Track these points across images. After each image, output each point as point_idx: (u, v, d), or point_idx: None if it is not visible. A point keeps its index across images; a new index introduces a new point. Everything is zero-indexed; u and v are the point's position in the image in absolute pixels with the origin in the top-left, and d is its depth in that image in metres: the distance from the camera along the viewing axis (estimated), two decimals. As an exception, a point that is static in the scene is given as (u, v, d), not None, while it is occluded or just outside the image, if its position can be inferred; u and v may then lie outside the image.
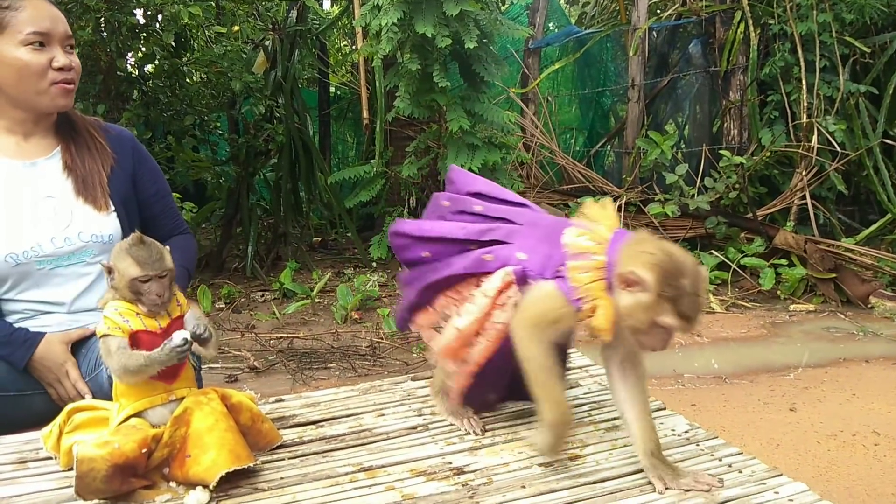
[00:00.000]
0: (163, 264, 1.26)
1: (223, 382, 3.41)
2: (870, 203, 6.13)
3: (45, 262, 1.71)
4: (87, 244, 1.75)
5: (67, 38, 1.73)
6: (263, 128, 5.62)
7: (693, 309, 1.14)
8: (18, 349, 1.67)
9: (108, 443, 1.20)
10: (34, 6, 1.68)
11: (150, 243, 1.28)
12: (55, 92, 1.70)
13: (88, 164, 1.78)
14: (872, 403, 3.02)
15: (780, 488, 1.22)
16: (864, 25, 5.73)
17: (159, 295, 1.25)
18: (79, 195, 1.76)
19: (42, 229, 1.71)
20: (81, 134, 1.82)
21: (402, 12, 4.61)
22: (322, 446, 1.42)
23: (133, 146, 1.90)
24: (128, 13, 4.46)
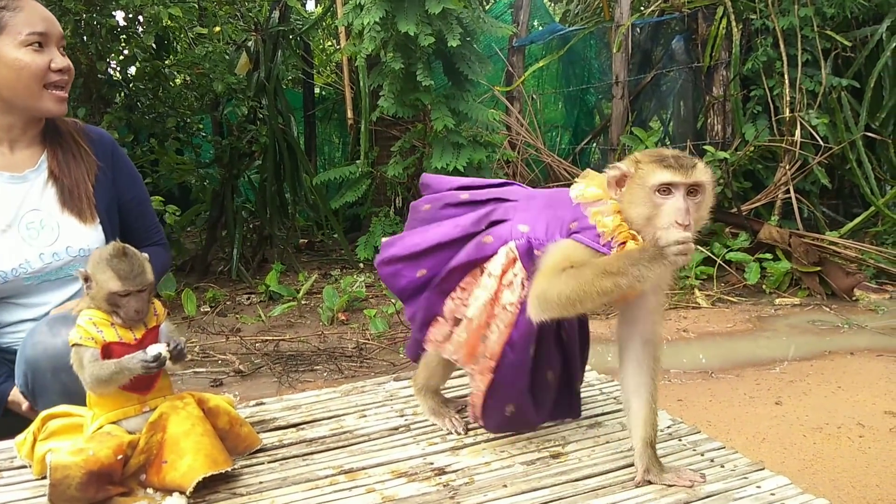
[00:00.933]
0: (144, 279, 1.24)
1: (208, 387, 3.39)
2: (853, 196, 6.18)
3: (33, 278, 1.68)
4: (74, 258, 1.71)
5: (62, 39, 1.70)
6: (247, 129, 5.58)
7: (678, 158, 1.16)
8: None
9: (83, 450, 1.18)
10: (31, 7, 1.64)
11: (132, 255, 1.25)
12: (51, 97, 1.66)
13: (74, 174, 1.73)
14: (857, 395, 3.03)
15: (763, 482, 1.22)
16: (845, 20, 5.76)
17: (138, 311, 1.23)
18: (65, 207, 1.71)
19: (29, 245, 1.67)
20: (67, 140, 1.77)
21: (384, 11, 4.59)
22: (302, 449, 1.40)
23: (112, 150, 1.86)
24: (107, 15, 4.41)
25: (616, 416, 1.50)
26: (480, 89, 5.94)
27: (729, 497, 1.18)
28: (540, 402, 1.37)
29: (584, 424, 1.48)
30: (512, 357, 1.30)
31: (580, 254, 1.21)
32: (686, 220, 1.14)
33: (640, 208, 1.17)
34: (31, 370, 1.47)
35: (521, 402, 1.35)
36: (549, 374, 1.36)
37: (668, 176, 1.14)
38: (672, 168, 1.15)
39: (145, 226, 1.92)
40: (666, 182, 1.14)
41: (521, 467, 1.31)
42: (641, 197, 1.17)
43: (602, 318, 4.28)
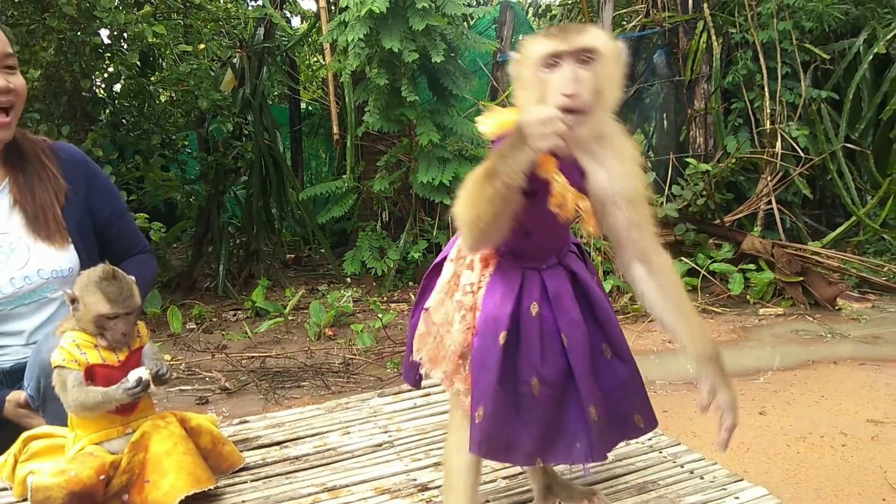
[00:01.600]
0: (132, 302, 1.24)
1: (193, 404, 3.37)
2: (835, 206, 6.25)
3: (6, 303, 1.64)
4: (47, 281, 1.67)
5: (4, 58, 1.61)
6: (233, 145, 5.59)
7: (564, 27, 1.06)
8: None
9: (65, 471, 1.18)
10: None
11: (121, 278, 1.25)
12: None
13: (39, 198, 1.69)
14: (840, 404, 3.06)
15: (741, 493, 1.24)
16: (823, 33, 5.86)
17: (125, 333, 1.24)
18: (31, 231, 1.67)
19: (0, 271, 1.64)
20: (31, 163, 1.72)
21: (368, 28, 4.62)
22: (286, 467, 1.41)
23: (85, 168, 1.81)
24: (91, 33, 4.42)
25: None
26: (465, 104, 5.98)
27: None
28: (525, 418, 1.12)
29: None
30: (477, 344, 1.12)
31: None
32: (573, 89, 0.99)
33: (532, 92, 1.04)
34: (45, 375, 1.45)
35: (493, 407, 1.10)
36: (535, 382, 1.12)
37: (550, 45, 1.01)
38: (554, 36, 1.02)
39: (127, 237, 1.88)
40: (549, 52, 1.01)
41: (504, 482, 1.32)
42: (530, 79, 1.04)
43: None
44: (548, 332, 1.13)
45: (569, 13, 8.49)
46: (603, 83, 1.02)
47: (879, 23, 5.82)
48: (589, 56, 1.01)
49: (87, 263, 1.72)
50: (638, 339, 4.19)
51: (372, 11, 4.46)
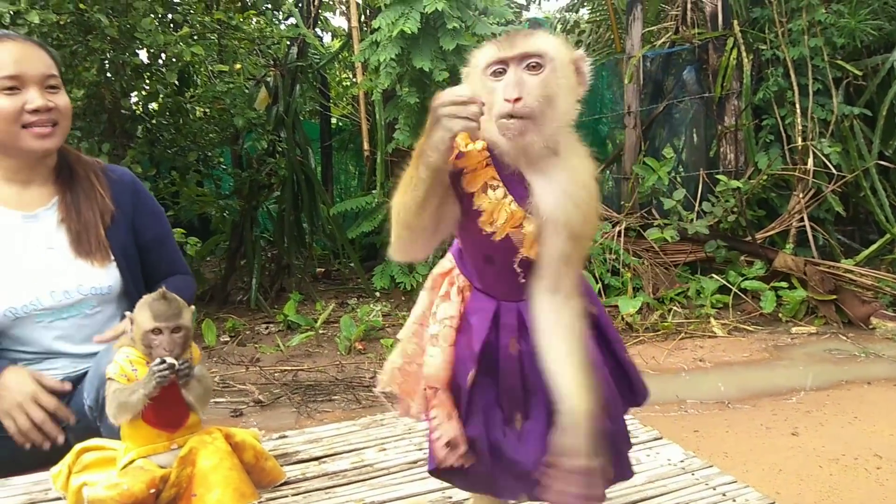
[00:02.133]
0: (177, 319, 1.30)
1: (228, 417, 3.44)
2: (869, 223, 6.16)
3: (45, 315, 1.72)
4: (85, 297, 1.75)
5: (46, 78, 1.70)
6: (266, 162, 5.70)
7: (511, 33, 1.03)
8: None
9: (118, 484, 1.24)
10: (6, 49, 1.66)
11: (171, 299, 1.32)
12: (28, 135, 1.67)
13: (85, 218, 1.76)
14: (874, 426, 3.03)
15: (773, 517, 1.25)
16: (856, 49, 5.81)
17: (168, 350, 1.28)
18: (74, 249, 1.74)
19: (41, 283, 1.71)
20: (80, 183, 1.80)
21: (399, 48, 4.70)
22: (324, 482, 1.45)
23: (133, 189, 1.89)
24: (132, 53, 4.55)
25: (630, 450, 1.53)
26: (494, 120, 6.03)
27: (740, 531, 1.21)
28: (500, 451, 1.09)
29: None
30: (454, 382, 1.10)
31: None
32: (514, 94, 0.96)
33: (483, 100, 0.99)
34: (104, 387, 1.52)
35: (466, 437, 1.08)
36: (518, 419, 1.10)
37: (494, 52, 0.99)
38: (499, 43, 1.00)
39: (168, 260, 1.96)
40: (493, 59, 0.99)
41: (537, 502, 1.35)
42: (478, 89, 1.01)
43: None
44: (527, 367, 1.08)
45: (597, 29, 8.52)
46: (553, 90, 0.98)
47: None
48: (536, 62, 0.98)
49: (130, 282, 1.80)
50: (668, 357, 4.17)
51: (404, 32, 4.54)
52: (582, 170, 1.03)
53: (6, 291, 1.69)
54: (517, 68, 0.98)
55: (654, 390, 3.66)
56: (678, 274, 5.30)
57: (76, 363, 1.78)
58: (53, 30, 4.13)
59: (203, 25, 4.90)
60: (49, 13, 3.87)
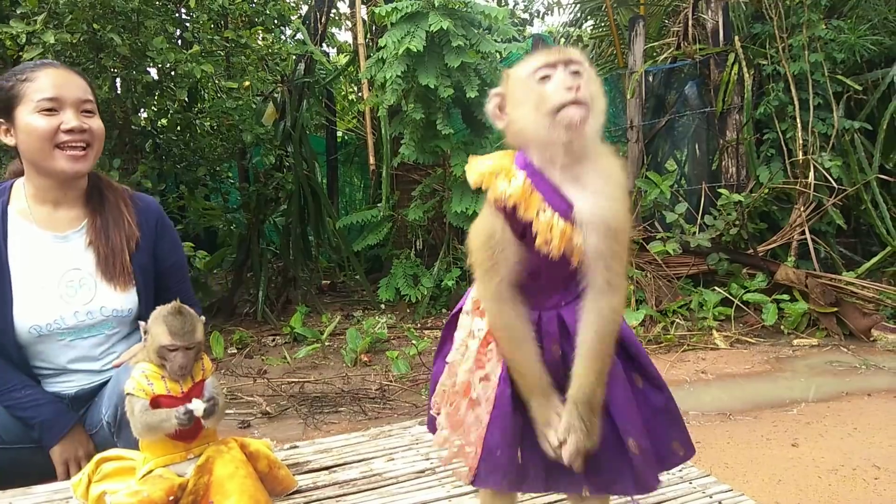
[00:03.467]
0: (193, 337, 1.36)
1: (236, 428, 3.49)
2: (871, 236, 6.20)
3: (67, 334, 1.80)
4: (107, 318, 1.83)
5: (83, 102, 1.79)
6: (273, 176, 5.79)
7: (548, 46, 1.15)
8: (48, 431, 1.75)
9: (138, 491, 1.30)
10: (48, 74, 1.76)
11: (186, 314, 1.38)
12: (62, 155, 1.75)
13: (113, 242, 1.84)
14: (874, 437, 3.07)
15: (766, 524, 1.30)
16: (856, 63, 5.88)
17: (182, 367, 1.35)
18: (100, 272, 1.82)
19: (66, 303, 1.79)
20: (110, 209, 1.88)
21: (405, 65, 4.79)
22: (335, 491, 1.51)
23: (158, 218, 1.97)
24: (142, 71, 4.65)
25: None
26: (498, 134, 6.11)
27: (734, 537, 1.27)
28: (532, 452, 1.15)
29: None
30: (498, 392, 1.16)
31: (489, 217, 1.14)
32: (574, 83, 1.06)
33: (528, 105, 1.09)
34: (122, 404, 1.59)
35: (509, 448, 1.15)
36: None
37: (543, 58, 1.09)
38: (545, 52, 1.10)
39: (180, 289, 2.00)
40: (543, 64, 1.09)
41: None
42: (525, 93, 1.10)
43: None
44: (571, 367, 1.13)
45: (600, 44, 8.62)
46: (594, 91, 1.09)
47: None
48: (578, 69, 1.08)
49: (145, 306, 1.88)
50: (671, 370, 4.22)
51: (409, 50, 4.63)
52: (612, 168, 1.12)
53: (33, 309, 1.76)
54: (564, 71, 1.08)
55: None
56: (681, 286, 5.35)
57: (91, 378, 1.85)
58: (67, 49, 4.23)
59: (212, 43, 5.00)
60: (63, 33, 3.96)
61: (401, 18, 4.88)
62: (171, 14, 5.02)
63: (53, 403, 1.77)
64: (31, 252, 1.80)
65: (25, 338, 1.77)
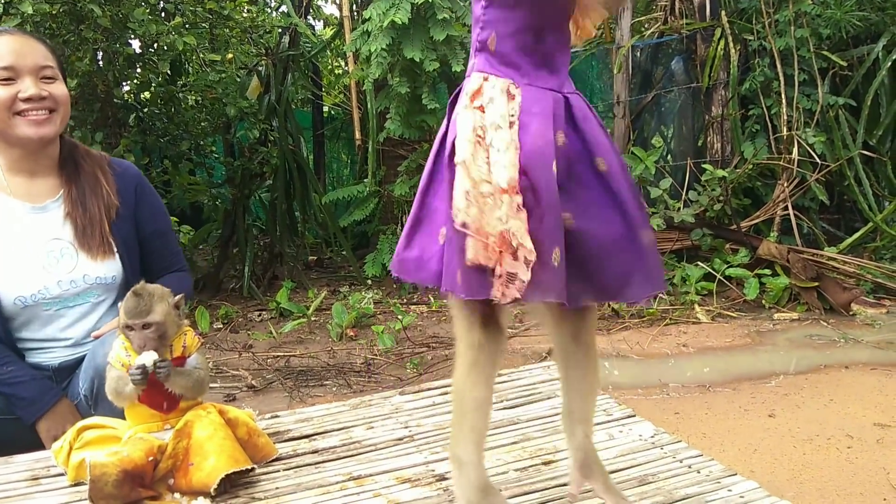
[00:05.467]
0: (145, 317, 1.38)
1: (222, 401, 3.51)
2: (854, 212, 6.26)
3: (52, 303, 1.80)
4: (91, 286, 1.83)
5: (41, 69, 1.76)
6: (258, 151, 5.75)
7: None
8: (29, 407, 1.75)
9: (118, 451, 1.32)
10: (2, 42, 1.73)
11: (142, 295, 1.39)
12: (23, 122, 1.74)
13: (90, 211, 1.83)
14: (848, 408, 3.13)
15: (734, 486, 1.34)
16: (841, 39, 5.88)
17: (139, 346, 1.38)
18: (80, 242, 1.82)
19: (49, 272, 1.79)
20: (86, 178, 1.87)
21: (390, 38, 4.76)
22: (315, 458, 1.53)
23: (137, 183, 1.96)
24: (124, 43, 4.59)
25: (604, 427, 1.62)
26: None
27: (702, 499, 1.30)
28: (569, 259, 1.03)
29: (574, 435, 1.60)
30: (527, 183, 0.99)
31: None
32: None
33: None
34: (98, 378, 1.60)
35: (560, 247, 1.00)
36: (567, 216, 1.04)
37: None
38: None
39: (167, 254, 2.03)
40: None
41: (515, 473, 1.43)
42: None
43: (603, 333, 4.40)
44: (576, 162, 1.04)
45: (588, 19, 8.55)
46: None
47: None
48: None
49: (130, 273, 1.88)
50: (653, 343, 4.27)
51: (394, 22, 4.60)
52: None
53: (16, 280, 1.77)
54: None
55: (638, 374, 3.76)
56: (665, 261, 5.39)
57: (75, 349, 1.86)
58: (46, 20, 4.17)
59: (195, 15, 4.94)
60: (42, 3, 3.90)
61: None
62: (153, -15, 4.94)
63: (35, 381, 1.77)
64: (10, 224, 1.80)
65: (11, 310, 1.77)
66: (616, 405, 1.73)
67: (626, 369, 3.83)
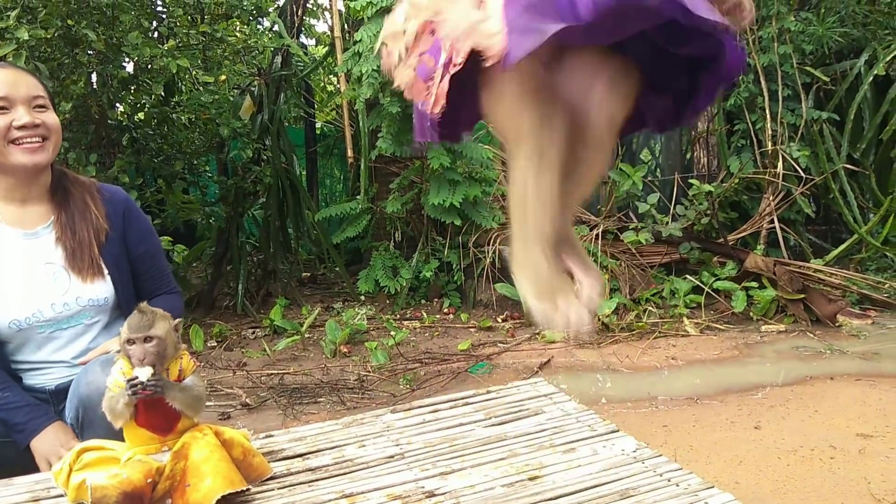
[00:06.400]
0: (147, 330, 1.42)
1: (216, 419, 3.55)
2: (840, 224, 6.37)
3: (46, 326, 1.85)
4: (83, 308, 1.88)
5: (34, 98, 1.82)
6: (251, 169, 5.81)
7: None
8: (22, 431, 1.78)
9: (118, 474, 1.36)
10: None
11: (145, 312, 1.44)
12: (17, 150, 1.79)
13: (80, 236, 1.89)
14: (833, 419, 3.19)
15: (710, 499, 1.39)
16: (824, 55, 6.01)
17: (140, 358, 1.41)
18: (70, 266, 1.88)
19: (42, 296, 1.84)
20: (76, 203, 1.92)
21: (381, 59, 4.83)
22: (308, 476, 1.58)
23: (125, 207, 2.02)
24: (118, 66, 4.65)
25: (588, 442, 1.68)
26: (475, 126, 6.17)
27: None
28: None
29: (559, 450, 1.65)
30: None
31: None
32: None
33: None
34: (83, 406, 1.65)
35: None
36: None
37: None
38: None
39: (157, 277, 2.08)
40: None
41: (502, 489, 1.48)
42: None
43: (593, 347, 4.46)
44: None
45: (576, 35, 8.68)
46: None
47: (881, 44, 5.97)
48: None
49: (122, 295, 1.94)
50: (643, 356, 4.33)
51: (384, 43, 4.67)
52: None
53: (10, 305, 1.81)
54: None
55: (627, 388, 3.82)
56: (653, 275, 5.46)
57: (71, 371, 1.90)
58: (40, 43, 4.23)
59: (188, 37, 5.01)
60: (37, 29, 3.96)
61: (376, 13, 4.92)
62: (147, 8, 5.01)
63: (28, 406, 1.80)
64: (4, 250, 1.85)
65: (6, 333, 1.82)
66: (600, 421, 1.79)
67: (615, 382, 3.88)
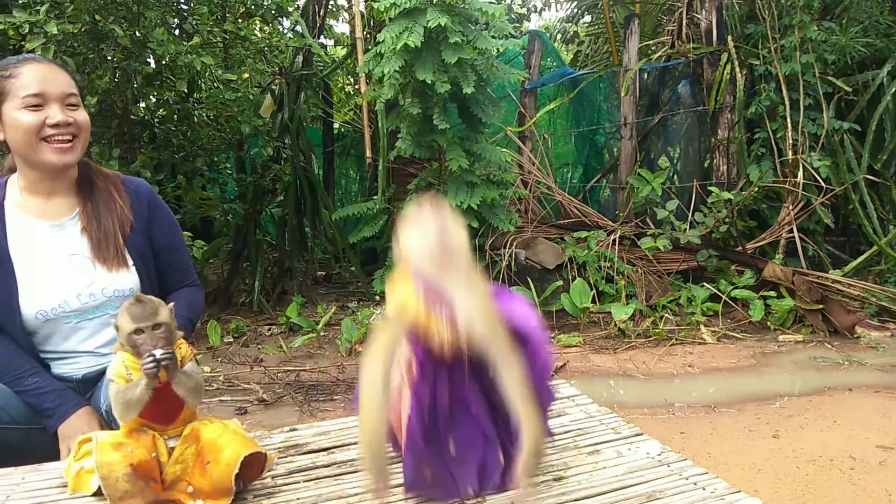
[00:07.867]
0: (155, 318, 1.42)
1: (233, 414, 3.57)
2: (860, 235, 6.32)
3: (72, 316, 1.86)
4: (109, 299, 1.90)
5: (67, 96, 1.83)
6: (270, 167, 5.85)
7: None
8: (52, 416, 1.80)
9: (123, 445, 1.36)
10: (31, 70, 1.81)
11: (146, 301, 1.43)
12: (48, 148, 1.80)
13: (105, 227, 1.90)
14: (852, 430, 3.17)
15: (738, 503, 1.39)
16: (846, 65, 5.97)
17: (152, 345, 1.40)
18: (96, 256, 1.89)
19: (68, 287, 1.86)
20: (101, 195, 1.94)
21: (403, 60, 4.85)
22: (334, 470, 1.58)
23: (150, 200, 2.03)
24: (143, 62, 4.70)
25: (612, 444, 1.68)
26: (494, 130, 6.18)
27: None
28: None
29: (584, 452, 1.65)
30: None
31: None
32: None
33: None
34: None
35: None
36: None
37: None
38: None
39: (179, 269, 2.09)
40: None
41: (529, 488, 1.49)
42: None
43: (610, 353, 4.44)
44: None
45: (596, 41, 8.69)
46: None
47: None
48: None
49: (148, 285, 1.95)
50: (659, 363, 4.32)
51: (407, 45, 4.70)
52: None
53: (37, 295, 1.83)
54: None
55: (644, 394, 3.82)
56: (670, 282, 5.44)
57: (98, 360, 1.92)
58: (68, 38, 4.28)
59: (212, 34, 5.05)
60: (66, 24, 4.01)
61: (399, 14, 4.93)
62: (172, 5, 5.06)
63: (57, 391, 1.82)
64: (30, 242, 1.87)
65: (33, 324, 1.84)
66: (624, 424, 1.79)
67: (631, 389, 3.88)
